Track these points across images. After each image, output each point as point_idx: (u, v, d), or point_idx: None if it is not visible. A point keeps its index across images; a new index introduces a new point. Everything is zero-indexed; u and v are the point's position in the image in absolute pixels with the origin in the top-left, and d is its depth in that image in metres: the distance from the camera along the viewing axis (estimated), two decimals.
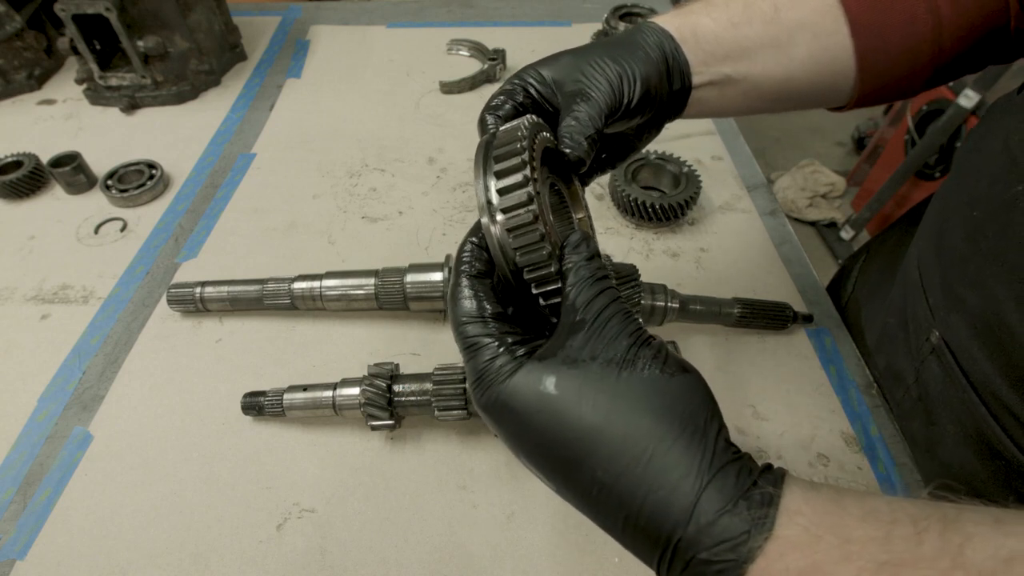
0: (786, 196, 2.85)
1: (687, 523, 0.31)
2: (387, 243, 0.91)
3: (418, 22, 1.42)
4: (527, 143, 0.40)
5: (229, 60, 1.27)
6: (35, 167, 0.99)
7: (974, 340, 0.53)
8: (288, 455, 0.68)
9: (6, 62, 1.18)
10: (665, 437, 0.32)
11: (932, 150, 2.27)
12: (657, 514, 0.32)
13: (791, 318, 0.76)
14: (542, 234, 0.38)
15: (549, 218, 0.40)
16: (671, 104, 0.54)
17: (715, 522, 0.30)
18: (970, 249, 0.54)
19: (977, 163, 0.57)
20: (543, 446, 0.35)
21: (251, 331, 0.80)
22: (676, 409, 0.33)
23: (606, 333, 0.35)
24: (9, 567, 0.60)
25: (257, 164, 1.05)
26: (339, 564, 0.60)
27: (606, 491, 0.33)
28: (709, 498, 0.31)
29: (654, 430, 0.33)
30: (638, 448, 0.33)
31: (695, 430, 0.33)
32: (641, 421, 0.33)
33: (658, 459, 0.32)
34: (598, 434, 0.33)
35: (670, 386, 0.34)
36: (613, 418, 0.33)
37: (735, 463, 0.32)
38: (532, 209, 0.38)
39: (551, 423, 0.34)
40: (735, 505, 0.30)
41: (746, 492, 0.31)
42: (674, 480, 0.32)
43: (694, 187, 0.90)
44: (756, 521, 0.30)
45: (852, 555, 0.28)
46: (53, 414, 0.72)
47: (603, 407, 0.34)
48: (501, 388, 0.36)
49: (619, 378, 0.34)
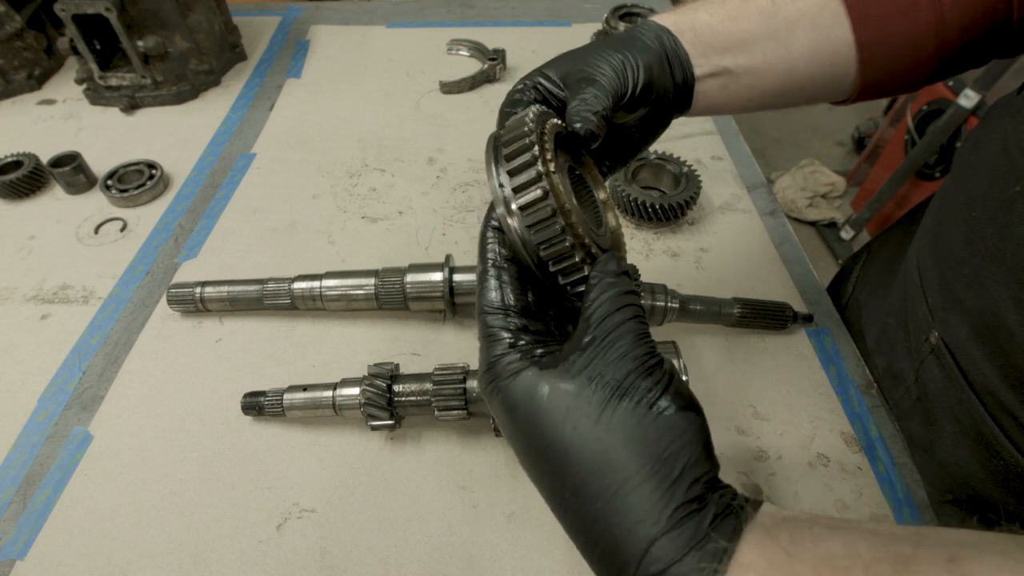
0: (786, 196, 2.85)
1: (636, 567, 0.31)
2: (387, 243, 0.91)
3: (418, 22, 1.42)
4: (536, 132, 0.39)
5: (229, 60, 1.27)
6: (35, 167, 0.99)
7: (973, 341, 0.53)
8: (288, 455, 0.68)
9: (6, 62, 1.18)
10: (634, 477, 0.32)
11: (932, 150, 2.27)
12: (610, 551, 0.32)
13: (791, 318, 0.76)
14: (562, 226, 0.37)
15: (572, 203, 0.39)
16: (676, 99, 0.54)
17: (664, 572, 0.30)
18: (969, 250, 0.54)
19: (976, 164, 0.57)
20: (527, 449, 0.36)
21: (251, 331, 0.80)
22: (654, 450, 0.33)
23: (610, 355, 0.35)
24: (9, 567, 0.60)
25: (257, 164, 1.05)
26: (339, 564, 0.60)
27: (572, 512, 0.34)
28: (661, 547, 0.31)
29: (625, 467, 0.32)
30: (605, 482, 0.33)
31: (666, 475, 0.32)
32: (615, 455, 0.33)
33: (620, 498, 0.32)
34: (573, 456, 0.34)
35: (656, 424, 0.33)
36: (590, 445, 0.33)
37: (695, 515, 0.31)
38: (550, 204, 0.37)
39: (535, 431, 0.35)
40: (685, 556, 0.30)
41: (699, 543, 0.31)
42: (630, 522, 0.32)
43: (694, 187, 0.90)
44: (707, 572, 0.30)
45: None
46: (53, 414, 0.72)
47: (584, 431, 0.34)
48: (502, 384, 0.37)
49: (608, 405, 0.34)
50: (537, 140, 0.39)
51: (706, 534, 0.31)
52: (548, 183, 0.37)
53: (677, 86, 0.54)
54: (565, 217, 0.38)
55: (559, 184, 0.38)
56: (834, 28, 0.55)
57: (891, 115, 2.74)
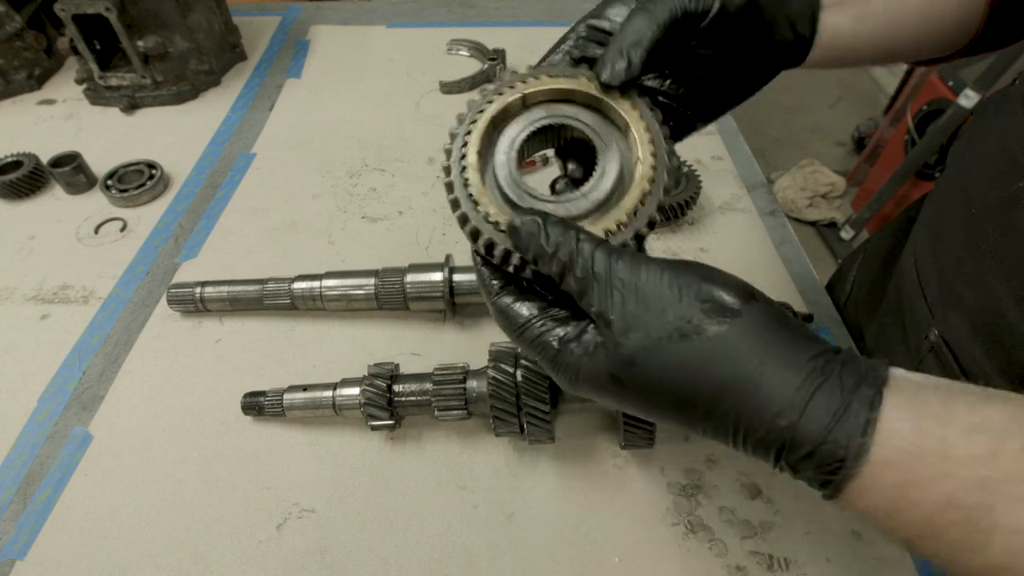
0: (786, 196, 2.85)
1: (786, 451, 0.32)
2: (387, 243, 0.91)
3: (418, 22, 1.42)
4: (465, 123, 0.40)
5: (229, 60, 1.27)
6: (35, 167, 0.99)
7: (973, 338, 0.53)
8: (288, 455, 0.68)
9: (6, 62, 1.18)
10: (746, 382, 0.32)
11: (932, 150, 2.27)
12: (761, 445, 0.32)
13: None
14: (462, 214, 0.38)
15: (479, 187, 0.39)
16: (792, 45, 0.46)
17: (814, 452, 0.31)
18: (969, 247, 0.54)
19: (973, 161, 0.56)
20: (638, 404, 0.36)
21: (251, 331, 0.80)
22: (752, 346, 0.33)
23: (650, 306, 0.34)
24: (9, 567, 0.60)
25: (257, 164, 1.05)
26: (339, 564, 0.60)
27: (711, 432, 0.34)
28: (804, 429, 0.31)
29: (736, 376, 0.32)
30: (726, 400, 0.33)
31: (776, 363, 0.32)
32: (721, 370, 0.33)
33: (748, 399, 0.32)
34: (686, 388, 0.34)
35: (732, 330, 0.33)
36: (690, 372, 0.33)
37: (826, 386, 0.31)
38: (454, 197, 0.38)
39: (639, 388, 0.35)
40: (830, 432, 0.30)
41: (840, 417, 0.30)
42: (770, 415, 0.32)
43: (694, 187, 0.90)
44: (851, 449, 0.30)
45: (950, 472, 0.29)
46: (53, 414, 0.72)
47: (673, 371, 0.34)
48: (583, 373, 0.36)
49: (678, 344, 0.33)
50: (463, 132, 0.39)
51: (847, 406, 0.31)
52: (455, 175, 0.38)
53: (791, 17, 0.44)
54: (473, 203, 0.38)
55: (470, 170, 0.38)
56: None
57: (891, 115, 2.73)
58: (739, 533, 0.61)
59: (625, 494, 0.64)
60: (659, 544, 0.60)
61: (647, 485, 0.64)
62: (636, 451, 0.67)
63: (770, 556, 0.59)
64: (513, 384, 0.60)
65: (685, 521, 0.62)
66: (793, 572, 0.58)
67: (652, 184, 0.39)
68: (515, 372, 0.60)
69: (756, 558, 0.59)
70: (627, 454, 0.67)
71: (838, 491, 0.31)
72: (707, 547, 0.60)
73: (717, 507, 0.62)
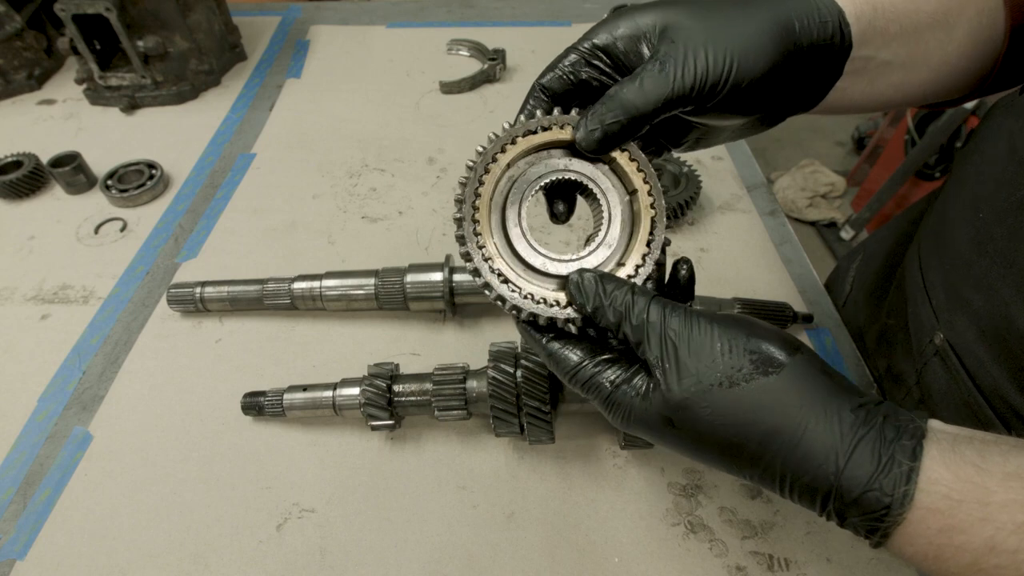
0: (786, 196, 2.85)
1: (832, 500, 0.34)
2: (387, 243, 0.91)
3: (418, 22, 1.42)
4: (469, 190, 0.44)
5: (229, 60, 1.27)
6: (35, 167, 0.99)
7: (980, 342, 0.53)
8: (288, 455, 0.68)
9: (6, 62, 1.18)
10: (795, 428, 0.35)
11: (932, 150, 2.27)
12: (807, 491, 0.35)
13: (791, 318, 0.76)
14: (484, 283, 0.42)
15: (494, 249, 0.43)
16: (800, 108, 0.47)
17: (860, 497, 0.33)
18: (976, 251, 0.53)
19: (981, 165, 0.56)
20: (688, 445, 0.39)
21: (251, 331, 0.80)
22: (797, 399, 0.35)
23: (702, 355, 0.37)
24: (9, 567, 0.60)
25: (257, 164, 1.05)
26: (339, 564, 0.60)
27: (757, 479, 0.37)
28: (849, 476, 0.33)
29: (784, 423, 0.35)
30: (775, 442, 0.35)
31: (821, 414, 0.35)
32: (770, 417, 0.35)
33: (797, 447, 0.35)
34: (733, 435, 0.37)
35: (778, 380, 0.36)
36: (739, 419, 0.36)
37: (868, 437, 0.34)
38: (472, 266, 0.42)
39: (689, 430, 0.38)
40: (873, 480, 0.33)
41: (885, 466, 0.33)
42: (816, 464, 0.34)
43: (694, 187, 0.90)
44: (896, 496, 0.32)
45: (990, 517, 0.31)
46: (53, 414, 0.72)
47: (722, 416, 0.36)
48: (635, 414, 0.40)
49: (727, 391, 0.36)
50: (468, 201, 0.43)
51: (891, 456, 0.33)
52: (478, 262, 0.42)
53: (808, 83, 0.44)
54: (487, 266, 0.42)
55: (496, 260, 0.42)
56: (995, 12, 0.48)
57: (891, 115, 2.73)
58: (739, 533, 0.61)
59: (625, 494, 0.64)
60: (659, 544, 0.60)
61: (647, 485, 0.64)
62: (636, 451, 0.67)
63: (770, 556, 0.59)
64: (513, 384, 0.60)
65: (685, 521, 0.62)
66: (793, 572, 0.58)
67: (655, 210, 0.43)
68: (515, 372, 0.60)
69: (756, 558, 0.59)
70: (627, 454, 0.67)
71: (885, 537, 0.33)
72: (707, 547, 0.60)
73: (717, 507, 0.62)
